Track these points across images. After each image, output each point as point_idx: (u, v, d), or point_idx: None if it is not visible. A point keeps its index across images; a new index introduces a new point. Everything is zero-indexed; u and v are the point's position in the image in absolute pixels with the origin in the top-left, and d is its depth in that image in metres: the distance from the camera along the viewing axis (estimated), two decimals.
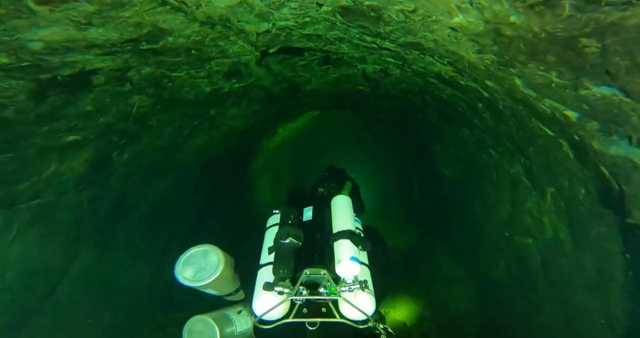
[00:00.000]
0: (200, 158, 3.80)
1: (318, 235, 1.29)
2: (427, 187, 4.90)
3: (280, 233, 1.20)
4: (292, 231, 1.19)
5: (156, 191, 3.17)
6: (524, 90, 1.36)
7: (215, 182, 4.62)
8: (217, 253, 1.36)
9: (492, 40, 1.21)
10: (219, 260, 1.33)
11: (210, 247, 1.40)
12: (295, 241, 1.17)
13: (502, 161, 2.57)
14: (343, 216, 1.30)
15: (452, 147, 3.55)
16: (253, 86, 3.31)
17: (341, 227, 1.24)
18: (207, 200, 4.57)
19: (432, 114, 3.38)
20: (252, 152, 5.43)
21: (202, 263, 1.35)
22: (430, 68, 2.29)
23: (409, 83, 3.01)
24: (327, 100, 4.55)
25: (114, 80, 1.74)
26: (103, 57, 1.49)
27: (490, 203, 3.00)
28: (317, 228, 1.33)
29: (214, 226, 4.71)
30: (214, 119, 3.38)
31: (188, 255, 1.38)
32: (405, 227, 6.03)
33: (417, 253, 5.20)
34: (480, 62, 1.49)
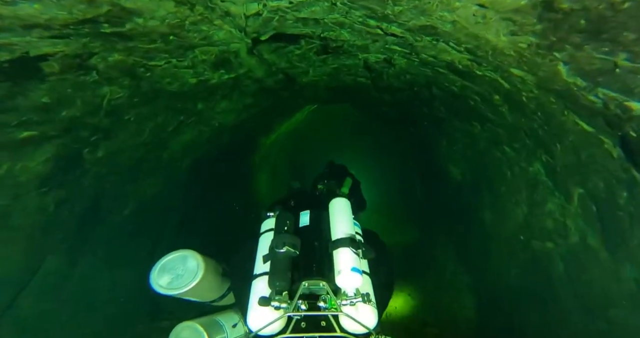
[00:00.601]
0: (189, 155, 3.54)
1: (316, 243, 1.21)
2: (430, 185, 4.68)
3: (275, 241, 1.13)
4: (288, 239, 1.12)
5: (139, 191, 2.91)
6: (567, 78, 1.12)
7: (207, 180, 4.36)
8: (197, 259, 1.27)
9: (537, 17, 0.96)
10: (199, 266, 1.25)
11: (190, 252, 1.30)
12: (292, 250, 1.09)
13: (519, 159, 2.33)
14: (342, 221, 1.22)
15: (460, 143, 3.31)
16: (244, 78, 3.03)
17: (340, 233, 1.16)
18: (199, 199, 4.31)
19: (440, 107, 3.13)
20: (245, 148, 5.16)
21: (180, 269, 1.26)
22: (441, 57, 2.03)
23: (415, 74, 2.75)
24: (326, 93, 4.27)
25: (74, 68, 1.47)
26: (52, 40, 1.22)
27: (503, 203, 2.78)
28: (314, 234, 1.25)
29: (205, 227, 4.47)
30: (202, 113, 3.11)
31: (165, 261, 1.30)
32: (407, 226, 5.83)
33: (420, 255, 5.01)
34: (511, 46, 1.24)
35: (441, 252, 4.33)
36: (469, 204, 3.52)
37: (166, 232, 3.63)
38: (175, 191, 3.59)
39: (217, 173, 4.63)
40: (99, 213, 2.41)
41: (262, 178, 6.56)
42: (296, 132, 6.98)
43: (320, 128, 6.96)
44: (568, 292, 2.09)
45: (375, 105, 4.53)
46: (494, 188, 2.87)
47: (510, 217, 2.70)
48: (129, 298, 2.86)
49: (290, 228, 1.23)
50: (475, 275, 3.57)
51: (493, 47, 1.37)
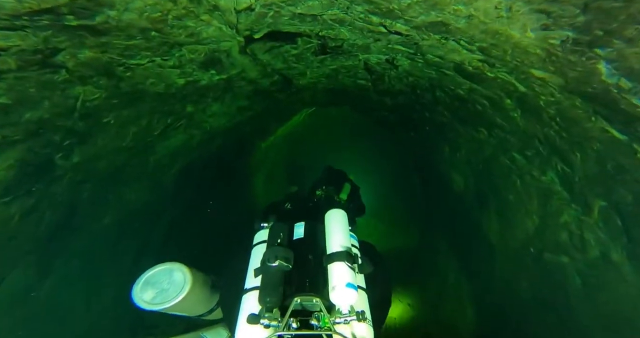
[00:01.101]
0: (178, 160, 3.34)
1: (310, 256, 1.16)
2: (431, 191, 4.52)
3: (267, 254, 1.08)
4: (280, 253, 1.08)
5: (123, 198, 2.70)
6: (608, 79, 0.96)
7: (198, 186, 4.16)
8: (183, 272, 1.22)
9: (582, 6, 0.80)
10: (185, 280, 1.19)
11: (176, 264, 1.25)
12: (285, 264, 1.05)
13: (531, 167, 2.17)
14: (338, 234, 1.17)
15: (464, 150, 3.15)
16: (237, 79, 2.85)
17: (336, 246, 1.11)
18: (189, 206, 4.10)
19: (443, 112, 2.97)
20: (240, 152, 4.97)
21: (165, 283, 1.20)
22: (450, 57, 1.87)
23: (419, 76, 2.59)
24: (324, 96, 4.11)
25: (36, 66, 1.28)
26: (2, 32, 1.03)
27: (511, 213, 2.61)
28: (309, 247, 1.20)
29: (195, 235, 4.26)
30: (193, 116, 2.92)
31: (149, 275, 1.24)
32: (407, 233, 5.67)
33: (421, 263, 4.84)
34: (538, 43, 1.08)
35: (443, 260, 4.15)
36: (472, 212, 3.35)
37: (153, 240, 3.42)
38: (164, 197, 3.39)
39: (210, 179, 4.43)
40: (74, 222, 2.20)
41: (258, 183, 6.37)
42: (293, 135, 6.81)
43: (318, 131, 6.80)
44: (587, 309, 1.93)
45: (375, 109, 4.37)
46: (501, 197, 2.70)
47: (519, 228, 2.53)
48: (107, 312, 2.65)
49: (283, 241, 1.18)
50: (478, 285, 3.40)
51: (514, 45, 1.21)
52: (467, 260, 3.62)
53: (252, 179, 6.12)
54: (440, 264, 4.19)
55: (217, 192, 4.86)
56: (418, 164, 4.76)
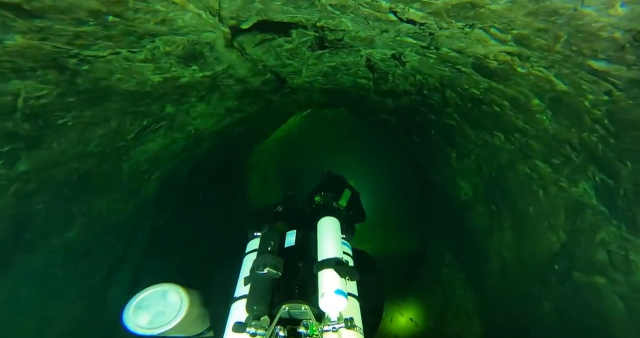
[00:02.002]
0: (161, 166, 2.99)
1: (300, 264, 1.16)
2: (434, 199, 4.23)
3: (257, 262, 1.08)
4: (269, 260, 1.07)
5: (92, 209, 2.35)
6: None
7: (184, 193, 3.81)
8: (179, 292, 1.16)
9: None
10: (182, 301, 1.15)
11: (169, 285, 1.20)
12: (274, 271, 1.04)
13: (558, 177, 1.90)
14: (329, 241, 1.16)
15: (474, 156, 2.87)
16: (224, 76, 2.53)
17: (326, 254, 1.10)
18: (174, 215, 3.75)
19: (453, 114, 2.69)
20: (231, 157, 4.63)
21: (160, 306, 1.15)
22: (471, 50, 1.59)
23: (429, 74, 2.31)
24: (320, 96, 3.81)
25: None
26: None
27: (529, 227, 2.34)
28: (299, 255, 1.20)
29: (181, 246, 3.91)
30: (174, 117, 2.58)
31: (140, 299, 1.16)
32: (409, 241, 5.38)
33: (423, 274, 4.55)
34: (626, 24, 0.79)
35: (447, 271, 3.86)
36: (480, 223, 3.08)
37: (131, 254, 3.06)
38: (143, 207, 3.03)
39: (198, 186, 4.09)
40: (25, 238, 1.85)
41: (252, 188, 6.02)
42: (288, 138, 6.48)
43: (313, 134, 6.49)
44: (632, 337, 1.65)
45: (375, 111, 4.09)
46: (518, 209, 2.43)
47: (539, 243, 2.25)
48: (70, 333, 2.29)
49: (274, 249, 1.17)
50: (489, 302, 3.11)
51: (577, 29, 0.92)
52: (475, 274, 3.34)
53: (245, 185, 5.77)
54: (444, 276, 3.90)
55: (207, 200, 4.52)
56: (420, 170, 4.48)
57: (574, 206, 1.88)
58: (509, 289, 2.71)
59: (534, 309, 2.37)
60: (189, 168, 3.63)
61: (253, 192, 6.10)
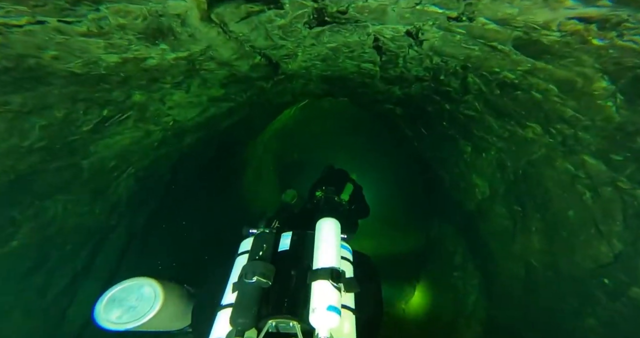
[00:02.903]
0: (133, 163, 2.58)
1: (293, 272, 1.05)
2: (442, 197, 3.89)
3: (245, 269, 0.99)
4: (259, 268, 0.98)
5: (42, 214, 1.96)
6: None
7: (167, 191, 3.42)
8: (153, 286, 1.10)
9: None
10: (156, 294, 1.08)
11: (144, 279, 1.13)
12: (264, 280, 0.95)
13: (617, 176, 1.54)
14: (327, 246, 1.05)
15: (495, 150, 2.50)
16: (204, 59, 2.09)
17: (322, 261, 1.00)
18: (155, 216, 3.37)
19: (473, 103, 2.30)
20: (220, 151, 4.22)
21: (133, 300, 1.07)
22: (522, 18, 1.18)
23: (450, 55, 1.90)
24: (318, 85, 3.38)
25: None
26: None
27: (567, 232, 2.00)
28: (293, 262, 1.09)
29: (165, 250, 3.55)
30: (145, 107, 2.16)
31: (113, 293, 1.10)
32: (411, 240, 5.08)
33: (433, 278, 4.25)
34: None
35: (460, 276, 3.55)
36: (501, 225, 2.74)
37: (100, 260, 2.69)
38: (114, 208, 2.64)
39: (182, 183, 3.69)
40: None
41: (246, 185, 5.63)
42: (283, 131, 6.06)
43: (310, 126, 6.06)
44: None
45: (378, 101, 3.67)
46: (552, 212, 2.08)
47: (582, 252, 1.92)
48: None
49: (266, 253, 1.08)
50: (510, 312, 2.81)
51: None
52: (492, 280, 3.02)
53: (238, 180, 5.38)
54: (455, 279, 3.59)
55: (195, 197, 4.14)
56: (426, 165, 4.11)
57: (637, 211, 1.52)
58: (536, 300, 2.39)
59: (572, 325, 2.05)
60: (171, 164, 3.23)
61: (247, 187, 5.72)
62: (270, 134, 5.81)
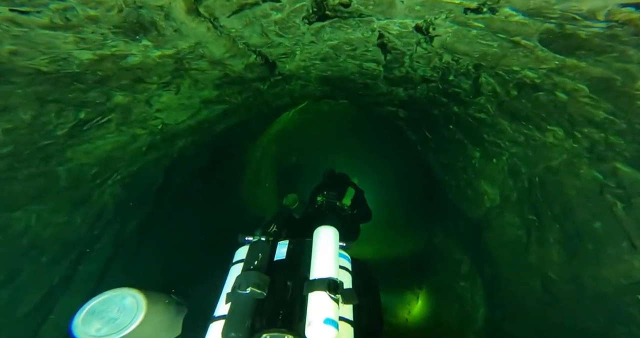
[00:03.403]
0: (119, 169, 2.39)
1: (289, 283, 1.00)
2: (448, 204, 3.71)
3: (239, 280, 0.95)
4: (253, 279, 0.94)
5: (9, 224, 1.76)
6: None
7: (159, 199, 3.23)
8: (135, 296, 1.05)
9: None
10: (138, 305, 1.03)
11: (126, 290, 1.08)
12: (258, 291, 0.92)
13: None
14: (325, 256, 1.02)
15: (508, 155, 2.32)
16: (194, 57, 1.91)
17: (320, 272, 0.96)
18: (145, 225, 3.17)
19: (485, 105, 2.13)
20: (216, 155, 4.03)
21: (114, 312, 1.02)
22: (559, 7, 1.01)
23: (464, 53, 1.73)
24: (318, 86, 3.20)
25: None
26: None
27: (593, 245, 1.83)
28: (289, 272, 1.04)
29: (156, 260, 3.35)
30: (129, 109, 1.97)
31: (93, 305, 1.05)
32: (416, 247, 4.89)
33: (436, 285, 4.06)
34: None
35: (466, 286, 3.36)
36: (513, 235, 2.56)
37: (80, 273, 2.49)
38: (99, 217, 2.45)
39: (175, 189, 3.49)
40: None
41: (243, 190, 5.43)
42: (282, 134, 5.87)
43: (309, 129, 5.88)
44: None
45: (380, 103, 3.50)
46: (575, 223, 1.90)
47: (610, 266, 1.74)
48: None
49: (261, 263, 1.04)
50: (523, 328, 2.61)
51: None
52: (502, 291, 2.83)
53: (235, 185, 5.18)
54: (461, 290, 3.40)
55: (189, 203, 3.94)
56: (430, 170, 3.93)
57: None
58: (555, 315, 2.20)
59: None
60: (162, 169, 3.03)
61: (245, 191, 5.52)
62: (269, 137, 5.63)
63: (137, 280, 3.12)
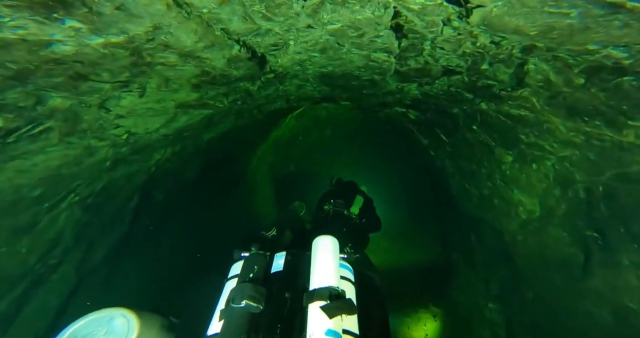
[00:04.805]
0: (74, 189, 1.91)
1: (287, 294, 0.95)
2: (466, 215, 3.23)
3: (233, 292, 0.90)
4: (248, 290, 0.88)
5: None
6: None
7: (135, 219, 2.75)
8: (126, 317, 0.97)
9: None
10: (130, 326, 0.95)
11: (116, 310, 0.98)
12: (253, 304, 0.86)
13: None
14: (324, 266, 0.96)
15: (555, 160, 1.86)
16: (155, 47, 1.44)
17: (320, 282, 0.91)
18: (119, 249, 2.70)
19: (530, 99, 1.67)
20: (205, 166, 3.56)
21: (102, 334, 0.93)
22: None
23: (512, 31, 1.27)
24: (317, 86, 2.74)
25: None
26: None
27: None
28: (287, 283, 1.00)
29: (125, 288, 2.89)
30: (76, 115, 1.50)
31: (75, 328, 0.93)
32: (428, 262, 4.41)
33: (456, 307, 3.57)
34: None
35: (500, 311, 2.87)
36: (563, 254, 2.10)
37: (31, 308, 2.00)
38: (53, 246, 1.98)
39: (158, 206, 3.02)
40: None
41: (238, 201, 4.95)
42: (279, 141, 5.41)
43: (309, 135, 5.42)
44: None
45: (387, 104, 3.04)
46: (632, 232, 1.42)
47: None
48: None
49: (257, 275, 0.99)
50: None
51: None
52: (550, 320, 2.34)
53: (228, 197, 4.71)
54: (494, 316, 2.91)
55: (174, 220, 3.47)
56: (444, 178, 3.46)
57: None
58: None
59: None
60: (138, 186, 2.56)
61: (240, 205, 5.04)
62: (265, 145, 5.17)
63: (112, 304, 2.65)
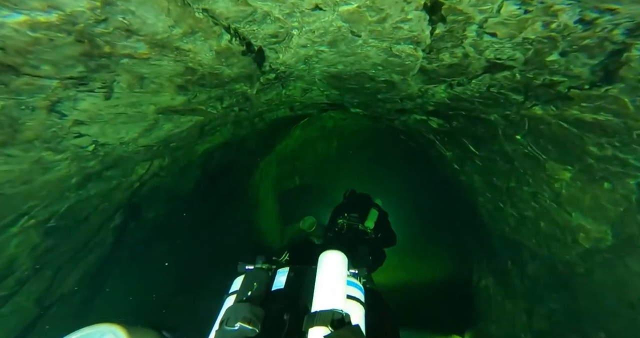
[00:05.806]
0: (30, 211, 1.53)
1: (286, 316, 0.84)
2: (508, 239, 2.73)
3: (227, 314, 0.81)
4: (243, 312, 0.80)
5: None
6: None
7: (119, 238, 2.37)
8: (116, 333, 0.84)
9: None
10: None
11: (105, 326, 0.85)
12: (249, 327, 0.77)
13: None
14: (329, 285, 0.85)
15: (636, 181, 1.40)
16: (113, 32, 1.09)
17: (323, 303, 0.80)
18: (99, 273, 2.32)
19: (618, 99, 1.23)
20: (201, 181, 3.19)
21: None
22: None
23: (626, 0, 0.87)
24: (324, 89, 2.36)
25: None
26: None
27: None
28: (288, 303, 0.89)
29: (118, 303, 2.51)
30: (14, 121, 1.14)
31: None
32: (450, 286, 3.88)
33: (488, 333, 3.03)
34: None
35: None
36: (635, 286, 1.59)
37: None
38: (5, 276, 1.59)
39: (149, 226, 2.64)
40: None
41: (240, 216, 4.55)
42: (283, 153, 5.04)
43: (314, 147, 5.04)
44: None
45: (404, 111, 2.63)
46: None
47: None
48: None
49: (256, 293, 0.90)
50: None
51: None
52: None
53: (230, 212, 4.31)
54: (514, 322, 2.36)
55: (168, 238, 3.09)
56: (467, 195, 2.99)
57: None
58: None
59: None
60: (118, 205, 2.18)
61: (242, 219, 4.64)
62: (269, 157, 4.81)
63: None
